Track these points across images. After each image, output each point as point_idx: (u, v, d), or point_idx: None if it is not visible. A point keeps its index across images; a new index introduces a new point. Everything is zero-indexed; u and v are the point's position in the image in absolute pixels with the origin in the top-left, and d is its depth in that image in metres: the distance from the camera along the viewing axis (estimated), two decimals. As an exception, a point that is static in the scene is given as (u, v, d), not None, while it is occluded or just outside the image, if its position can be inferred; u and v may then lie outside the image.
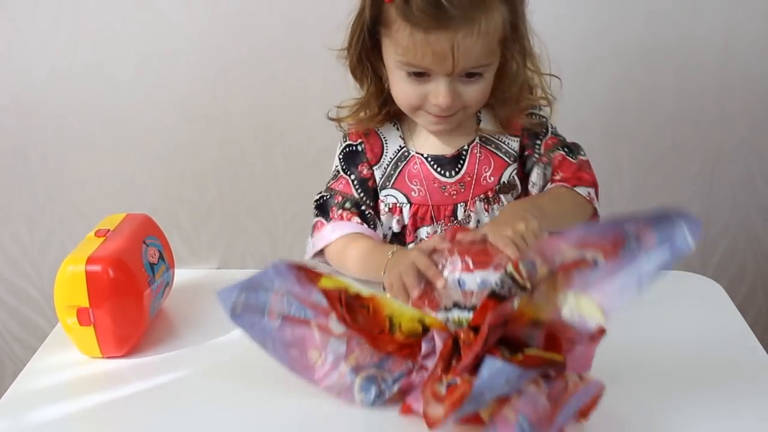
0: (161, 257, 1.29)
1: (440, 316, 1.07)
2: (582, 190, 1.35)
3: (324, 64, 1.96)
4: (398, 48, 1.27)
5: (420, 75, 1.29)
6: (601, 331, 0.96)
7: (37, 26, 1.96)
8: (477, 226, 1.40)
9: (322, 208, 1.44)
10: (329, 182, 1.46)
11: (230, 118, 2.03)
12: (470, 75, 1.29)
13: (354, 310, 1.05)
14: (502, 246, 1.09)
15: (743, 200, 2.08)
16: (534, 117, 1.42)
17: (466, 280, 1.10)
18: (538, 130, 1.42)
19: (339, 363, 1.04)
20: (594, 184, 1.38)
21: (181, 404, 1.11)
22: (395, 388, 1.04)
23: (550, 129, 1.43)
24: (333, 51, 1.87)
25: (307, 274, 1.04)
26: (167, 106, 2.03)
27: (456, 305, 1.08)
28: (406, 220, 1.42)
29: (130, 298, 1.19)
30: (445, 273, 1.11)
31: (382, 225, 1.43)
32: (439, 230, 1.41)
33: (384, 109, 1.41)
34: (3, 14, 1.94)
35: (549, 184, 1.39)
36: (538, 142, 1.41)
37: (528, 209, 1.20)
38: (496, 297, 0.97)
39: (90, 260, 1.16)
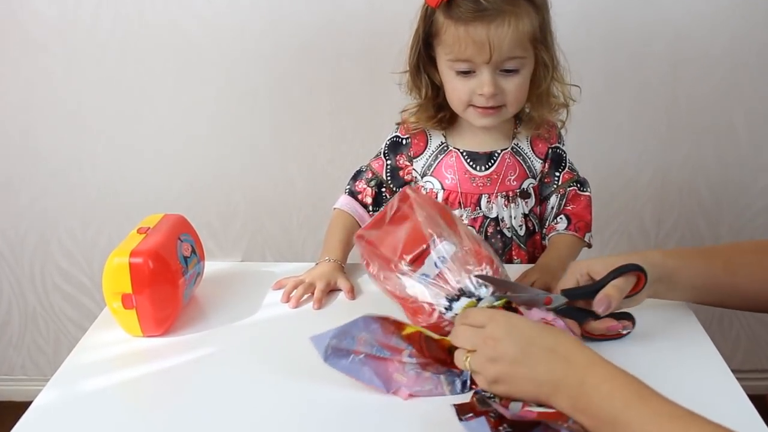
0: (193, 251, 1.29)
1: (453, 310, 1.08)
2: (587, 237, 1.46)
3: (332, 90, 1.99)
4: (446, 48, 1.33)
5: (466, 73, 1.33)
6: None
7: (92, 55, 1.95)
8: (497, 216, 1.45)
9: (355, 177, 1.52)
10: (372, 158, 1.52)
11: (253, 133, 2.03)
12: (508, 71, 1.33)
13: (430, 344, 1.06)
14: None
15: (690, 205, 2.07)
16: (557, 150, 1.48)
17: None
18: (558, 161, 1.48)
19: (420, 373, 1.03)
20: (591, 226, 1.48)
21: (209, 376, 1.11)
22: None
23: (567, 164, 1.49)
24: (339, 80, 1.89)
25: (392, 324, 1.06)
26: (200, 123, 2.03)
27: (462, 293, 1.09)
28: None
29: (166, 286, 1.19)
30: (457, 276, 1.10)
31: None
32: (465, 215, 1.45)
33: (439, 114, 1.44)
34: (62, 42, 1.94)
35: (561, 217, 1.47)
36: (557, 174, 1.48)
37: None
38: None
39: (133, 253, 1.16)
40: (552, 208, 1.49)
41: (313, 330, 1.12)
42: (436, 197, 1.45)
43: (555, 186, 1.48)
